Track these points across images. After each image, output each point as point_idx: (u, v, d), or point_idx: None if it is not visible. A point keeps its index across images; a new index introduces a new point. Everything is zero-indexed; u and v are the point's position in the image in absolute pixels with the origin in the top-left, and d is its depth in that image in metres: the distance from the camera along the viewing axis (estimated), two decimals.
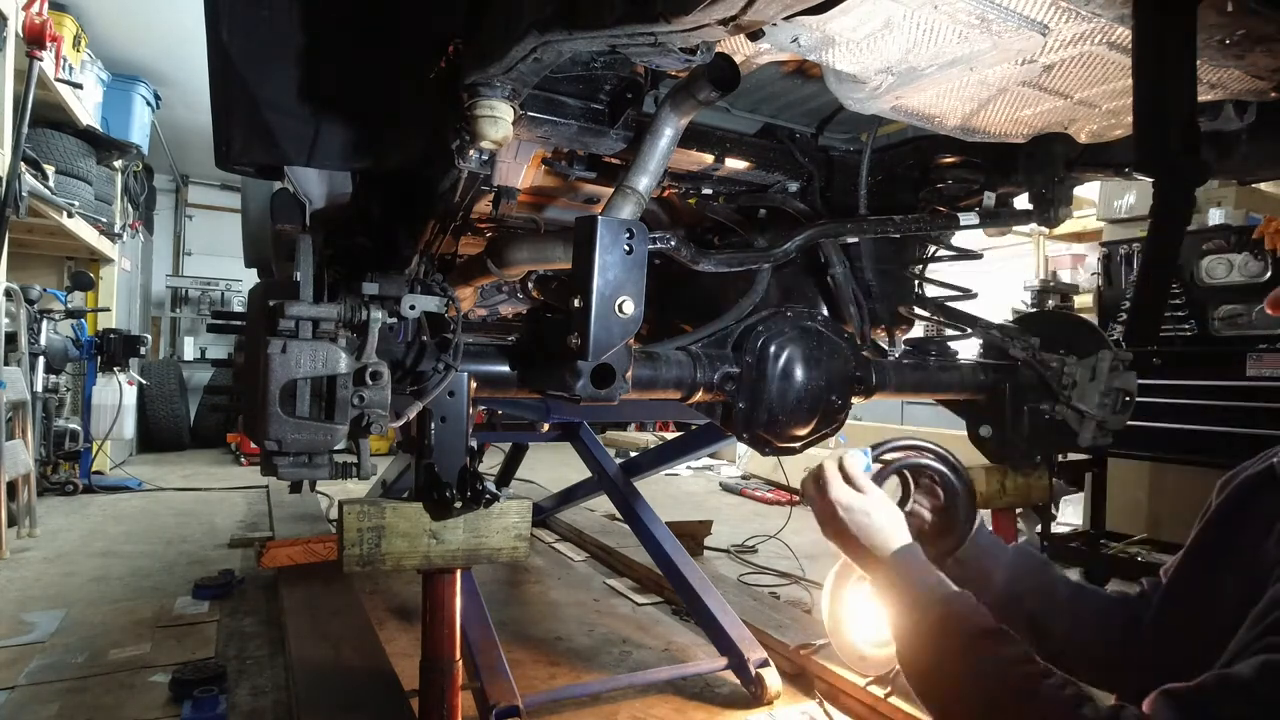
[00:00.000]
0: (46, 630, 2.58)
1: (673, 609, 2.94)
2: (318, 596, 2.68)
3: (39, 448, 4.63)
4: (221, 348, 8.26)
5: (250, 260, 2.87)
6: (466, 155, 1.03)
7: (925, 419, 6.02)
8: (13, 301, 4.05)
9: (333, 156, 1.22)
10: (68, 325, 5.27)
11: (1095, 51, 0.91)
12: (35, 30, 3.87)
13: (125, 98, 5.79)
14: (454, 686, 1.24)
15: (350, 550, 1.13)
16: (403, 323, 1.17)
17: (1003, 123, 1.19)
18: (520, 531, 1.24)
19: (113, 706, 2.05)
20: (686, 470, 6.64)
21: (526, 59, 0.89)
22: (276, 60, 1.16)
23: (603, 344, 1.04)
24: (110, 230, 5.58)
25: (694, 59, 0.87)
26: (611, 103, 1.15)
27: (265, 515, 4.41)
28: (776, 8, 0.69)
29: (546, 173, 1.44)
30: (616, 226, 1.04)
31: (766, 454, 1.47)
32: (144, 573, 3.32)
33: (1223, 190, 3.55)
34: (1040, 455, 1.78)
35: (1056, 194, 1.52)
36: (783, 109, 1.52)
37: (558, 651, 2.53)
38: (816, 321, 1.45)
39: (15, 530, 3.80)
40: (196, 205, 9.14)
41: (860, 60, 0.97)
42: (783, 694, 2.15)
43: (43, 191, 4.19)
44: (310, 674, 2.06)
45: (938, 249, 1.80)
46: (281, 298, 0.99)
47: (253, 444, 1.23)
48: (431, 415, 1.19)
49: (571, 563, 3.65)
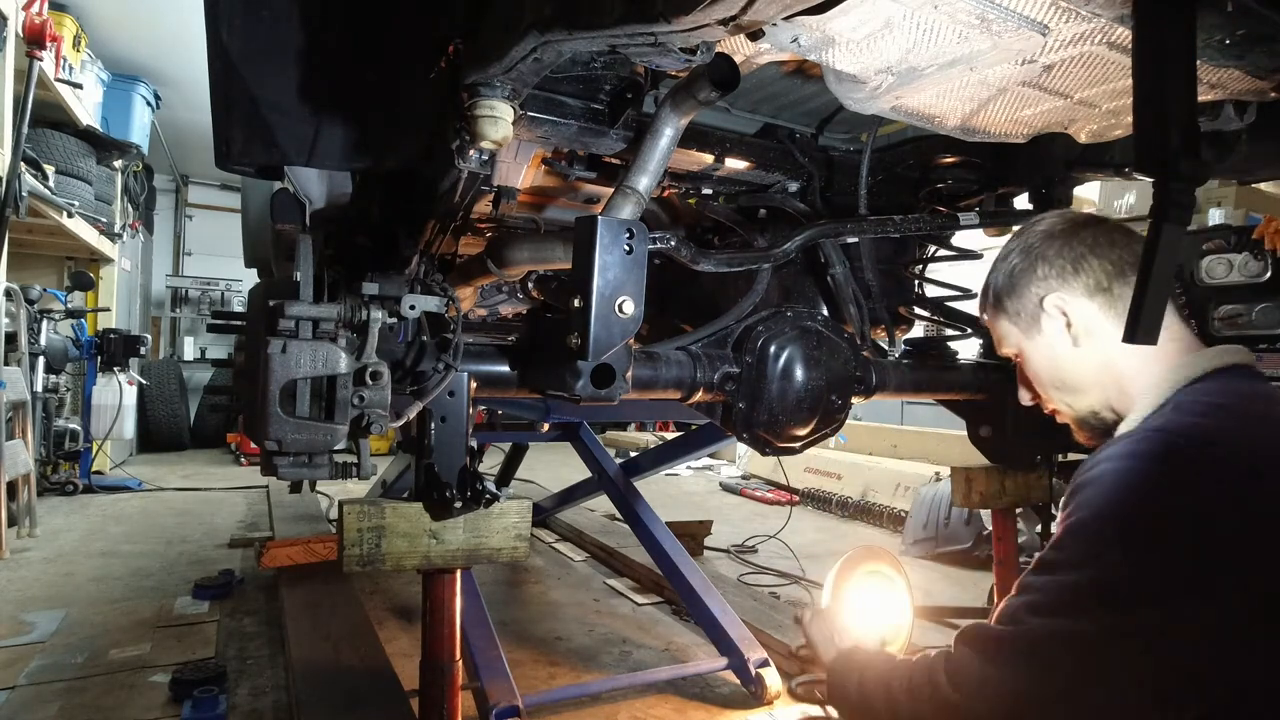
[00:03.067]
0: (46, 630, 2.58)
1: (673, 609, 2.94)
2: (318, 596, 2.68)
3: (39, 448, 4.63)
4: (221, 348, 8.26)
5: (250, 260, 2.87)
6: (466, 155, 1.03)
7: (925, 419, 6.02)
8: (13, 301, 4.05)
9: (333, 156, 1.22)
10: (68, 325, 5.27)
11: (1095, 51, 0.91)
12: (35, 30, 3.87)
13: (125, 98, 5.79)
14: (454, 686, 1.24)
15: (350, 550, 1.13)
16: (403, 323, 1.17)
17: (1003, 123, 1.19)
18: (520, 531, 1.24)
19: (113, 707, 2.05)
20: (686, 470, 6.64)
21: (526, 59, 0.89)
22: (276, 60, 1.16)
23: (603, 344, 1.04)
24: (110, 230, 5.58)
25: (694, 59, 0.87)
26: (611, 103, 1.15)
27: (265, 515, 4.41)
28: (776, 8, 0.69)
29: (546, 173, 1.44)
30: (616, 226, 1.04)
31: (766, 454, 1.47)
32: (144, 573, 3.32)
33: (1223, 190, 3.55)
34: (1040, 455, 1.79)
35: (1056, 194, 1.52)
36: (783, 109, 1.52)
37: (558, 651, 2.53)
38: (816, 321, 1.46)
39: (15, 530, 3.80)
40: (196, 205, 9.14)
41: (860, 60, 0.97)
42: (782, 694, 2.15)
43: (43, 191, 4.19)
44: (310, 674, 2.06)
45: (937, 249, 1.80)
46: (281, 298, 0.99)
47: (253, 444, 1.23)
48: (431, 415, 1.19)
49: (571, 563, 3.65)
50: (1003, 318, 1.11)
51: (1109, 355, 1.00)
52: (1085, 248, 1.02)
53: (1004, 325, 1.11)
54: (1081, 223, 1.06)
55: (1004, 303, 1.09)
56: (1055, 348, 1.04)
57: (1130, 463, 0.85)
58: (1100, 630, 0.81)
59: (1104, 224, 1.06)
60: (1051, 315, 1.03)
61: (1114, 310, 0.99)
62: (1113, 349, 0.99)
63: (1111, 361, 1.00)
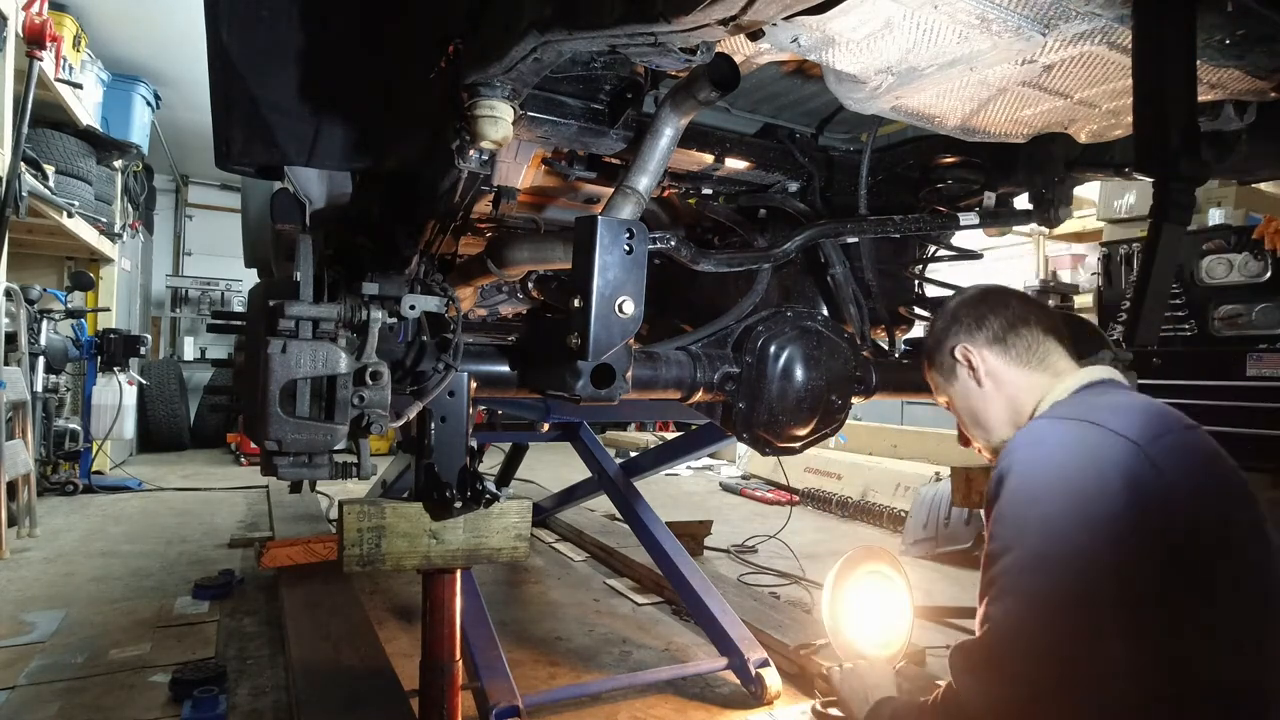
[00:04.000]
0: (46, 630, 2.58)
1: (673, 609, 2.94)
2: (318, 596, 2.68)
3: (39, 448, 4.63)
4: (221, 348, 8.26)
5: (250, 260, 2.87)
6: (466, 155, 1.03)
7: (925, 419, 6.02)
8: (13, 301, 4.05)
9: (333, 156, 1.22)
10: (68, 325, 5.26)
11: (1095, 51, 0.91)
12: (35, 30, 3.87)
13: (125, 98, 5.79)
14: (454, 686, 1.24)
15: (350, 550, 1.13)
16: (403, 323, 1.17)
17: (1003, 123, 1.20)
18: (520, 531, 1.24)
19: (113, 707, 2.05)
20: (686, 470, 6.64)
21: (526, 59, 0.89)
22: (276, 60, 1.16)
23: (603, 344, 1.04)
24: (110, 230, 5.58)
25: (694, 59, 0.87)
26: (611, 103, 1.15)
27: (265, 515, 4.41)
28: (776, 8, 0.69)
29: (546, 173, 1.44)
30: (616, 226, 1.04)
31: (766, 454, 1.47)
32: (144, 573, 3.32)
33: (1223, 190, 3.55)
34: None
35: (1056, 194, 1.52)
36: (783, 109, 1.52)
37: (558, 651, 2.53)
38: (816, 321, 1.45)
39: (15, 530, 3.80)
40: (196, 205, 9.14)
41: (860, 60, 0.97)
42: (783, 694, 2.15)
43: (43, 191, 4.19)
44: (310, 674, 2.05)
45: (937, 249, 1.80)
46: (281, 298, 0.99)
47: (253, 444, 1.23)
48: (431, 415, 1.19)
49: (571, 563, 3.65)
50: (932, 371, 1.32)
51: (1008, 393, 1.21)
52: (986, 308, 1.25)
53: (934, 377, 1.33)
54: (989, 290, 1.30)
55: (932, 357, 1.31)
56: (968, 389, 1.26)
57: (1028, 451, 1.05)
58: (1048, 593, 0.96)
59: (1005, 291, 1.30)
60: (961, 362, 1.25)
61: (1008, 355, 1.21)
62: (1010, 388, 1.21)
63: (1012, 398, 1.21)
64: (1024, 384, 1.20)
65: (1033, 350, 1.20)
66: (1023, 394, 1.20)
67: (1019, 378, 1.20)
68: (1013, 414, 1.21)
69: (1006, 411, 1.22)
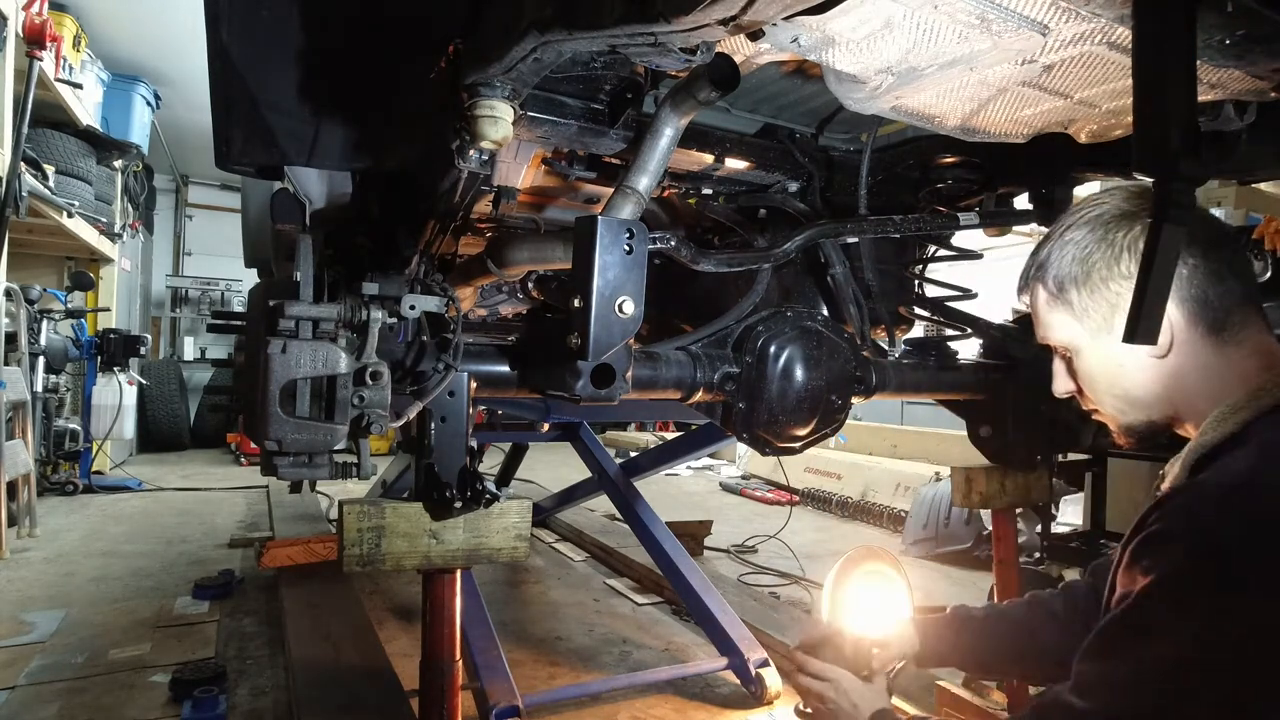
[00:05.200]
0: (46, 630, 2.58)
1: (673, 609, 2.94)
2: (318, 596, 2.68)
3: (39, 448, 4.63)
4: (221, 348, 8.26)
5: (250, 260, 2.87)
6: (466, 155, 1.03)
7: (925, 419, 6.02)
8: (13, 301, 4.05)
9: (333, 156, 1.22)
10: (68, 325, 5.27)
11: (1095, 51, 0.91)
12: (35, 30, 3.87)
13: (125, 98, 5.79)
14: (454, 686, 1.24)
15: (350, 550, 1.13)
16: (403, 323, 1.17)
17: (1003, 123, 1.19)
18: (520, 531, 1.23)
19: (113, 706, 2.05)
20: (686, 470, 6.64)
21: (526, 59, 0.89)
22: (276, 60, 1.16)
23: (603, 344, 1.04)
24: (110, 230, 5.59)
25: (694, 59, 0.87)
26: (611, 103, 1.15)
27: (265, 515, 4.41)
28: (776, 8, 0.69)
29: (546, 173, 1.44)
30: (616, 226, 1.04)
31: (766, 454, 1.47)
32: (144, 573, 3.32)
33: (1223, 190, 3.55)
34: (1040, 455, 1.79)
35: (1056, 194, 1.52)
36: (783, 109, 1.52)
37: (558, 651, 2.53)
38: (817, 321, 1.45)
39: (15, 530, 3.80)
40: (196, 205, 9.14)
41: (860, 60, 0.96)
42: (783, 694, 2.15)
43: (43, 191, 4.19)
44: (310, 674, 2.06)
45: (938, 249, 1.80)
46: (281, 298, 0.99)
47: (253, 444, 1.23)
48: (431, 415, 1.19)
49: (571, 563, 3.65)
50: (1062, 309, 0.93)
51: (1183, 367, 0.87)
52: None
53: (1060, 317, 0.94)
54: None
55: (1069, 293, 0.91)
56: (1127, 356, 0.89)
57: (1221, 531, 0.71)
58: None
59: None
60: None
61: (1204, 319, 0.86)
62: (1188, 361, 0.86)
63: (1184, 374, 0.87)
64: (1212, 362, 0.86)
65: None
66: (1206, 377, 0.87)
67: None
68: (1181, 396, 0.88)
69: (1174, 391, 0.88)
